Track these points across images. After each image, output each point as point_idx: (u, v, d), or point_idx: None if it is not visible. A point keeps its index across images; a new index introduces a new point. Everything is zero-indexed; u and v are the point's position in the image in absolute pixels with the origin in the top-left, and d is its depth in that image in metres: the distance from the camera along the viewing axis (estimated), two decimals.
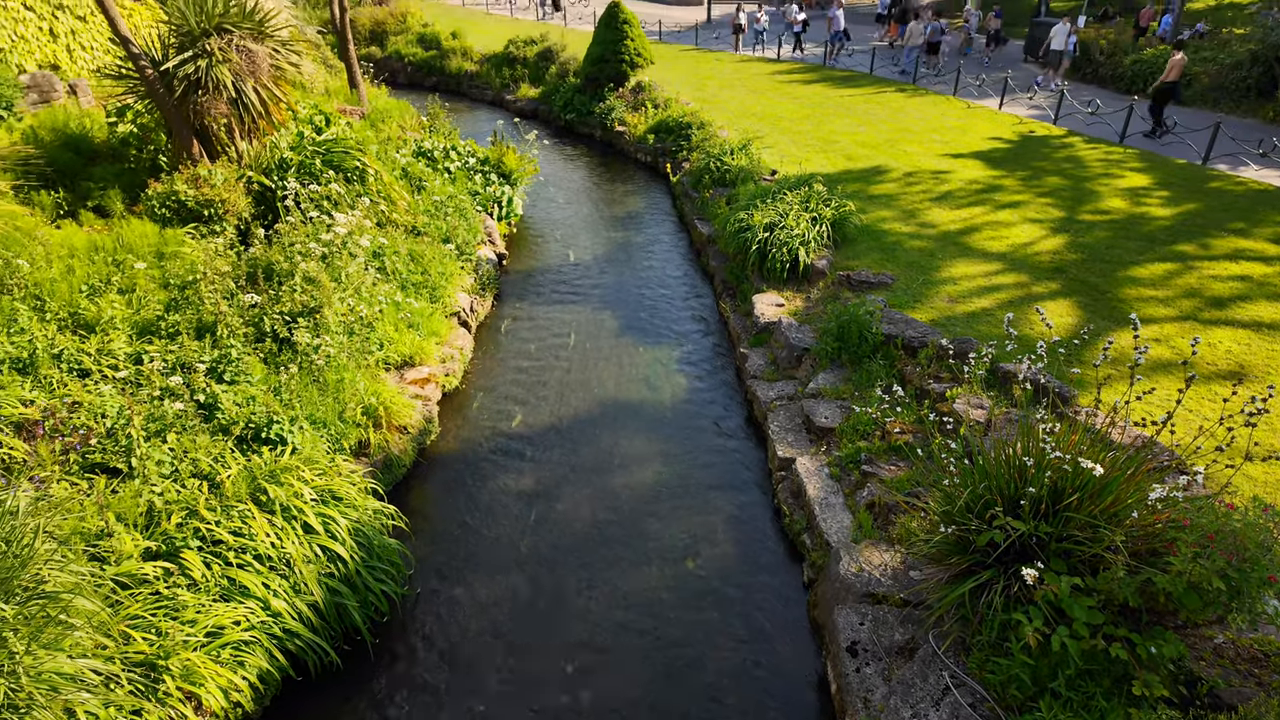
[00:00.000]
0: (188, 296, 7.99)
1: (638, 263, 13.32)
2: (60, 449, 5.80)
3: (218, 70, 9.95)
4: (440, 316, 9.98)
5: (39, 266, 7.95)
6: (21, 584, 3.96)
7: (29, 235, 8.59)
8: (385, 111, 16.78)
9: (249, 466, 5.92)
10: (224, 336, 7.45)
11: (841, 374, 8.51)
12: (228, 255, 8.74)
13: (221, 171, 10.09)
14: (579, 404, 9.25)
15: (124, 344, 7.30)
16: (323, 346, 7.63)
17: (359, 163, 11.45)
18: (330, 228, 9.21)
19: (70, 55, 12.68)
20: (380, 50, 28.00)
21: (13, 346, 6.79)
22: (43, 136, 10.75)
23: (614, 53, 20.89)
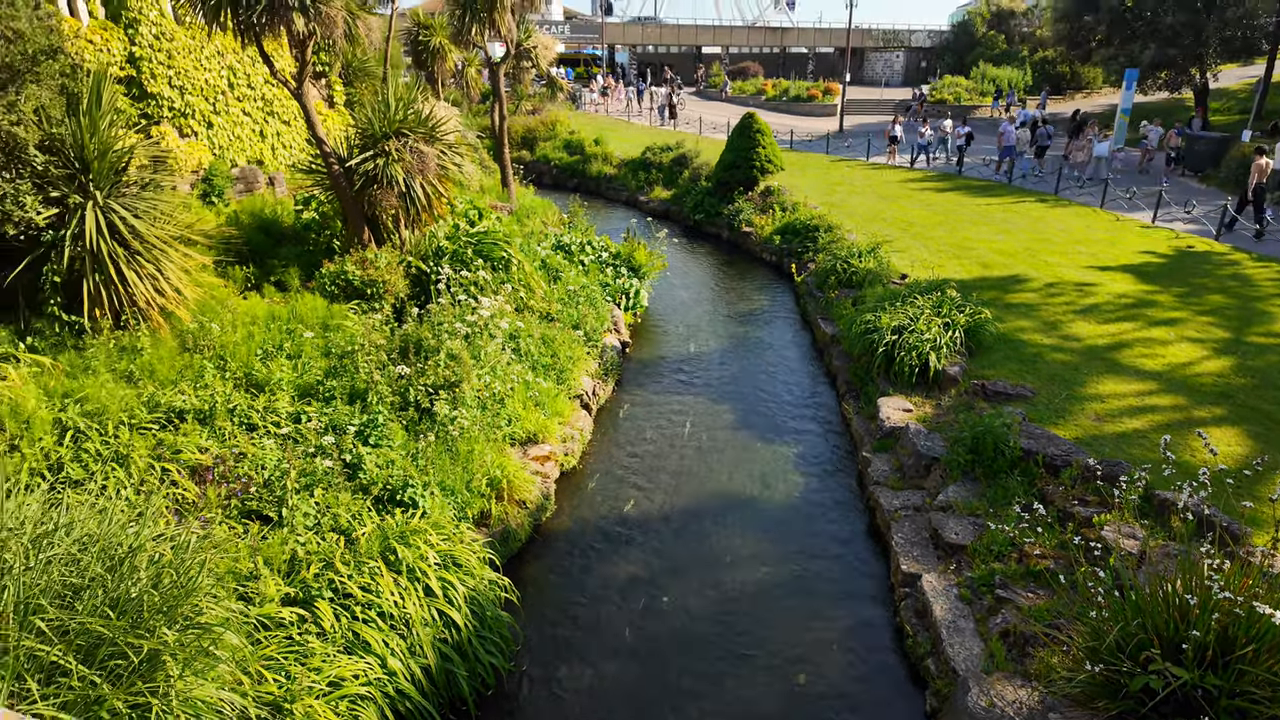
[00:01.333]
0: (345, 365, 8.77)
1: (758, 358, 13.37)
2: (225, 494, 6.41)
3: (392, 168, 11.22)
4: (564, 398, 10.37)
5: (226, 331, 9.02)
6: (183, 613, 4.34)
7: (222, 304, 9.82)
8: (531, 208, 18.17)
9: (382, 526, 6.28)
10: (373, 403, 8.09)
11: (974, 488, 8.04)
12: (383, 330, 9.59)
13: (385, 256, 11.21)
14: (692, 494, 9.21)
15: (287, 403, 8.07)
16: (459, 418, 8.11)
17: (505, 253, 12.39)
18: (475, 310, 9.93)
19: (273, 152, 14.71)
20: (530, 154, 30.55)
21: (197, 399, 7.67)
22: (243, 219, 12.40)
23: (745, 159, 21.76)
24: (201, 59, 12.86)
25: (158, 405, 7.43)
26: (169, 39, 12.18)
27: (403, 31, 20.59)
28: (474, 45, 18.98)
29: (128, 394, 7.49)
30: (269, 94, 14.54)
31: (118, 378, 7.80)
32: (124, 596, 4.19)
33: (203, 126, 12.89)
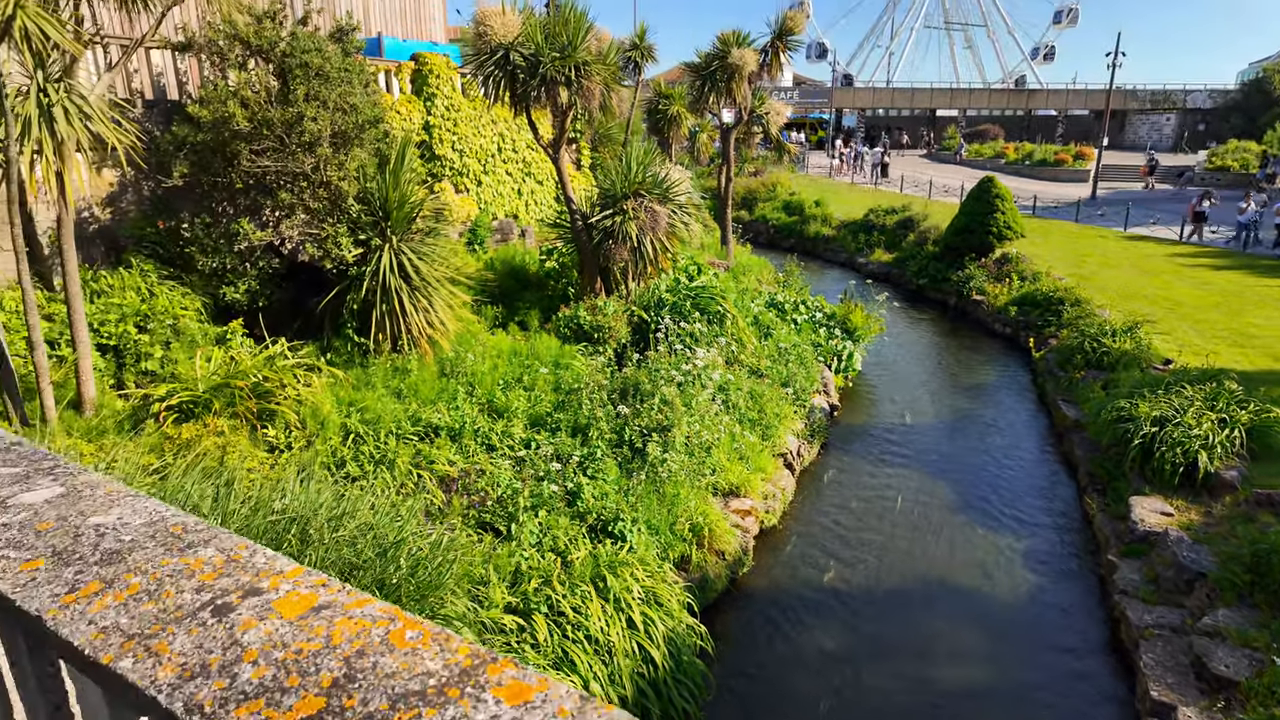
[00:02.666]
0: (571, 400, 9.50)
1: (984, 437, 12.38)
2: (466, 504, 7.20)
3: (628, 225, 12.11)
4: (768, 454, 10.34)
5: (476, 361, 10.18)
6: (430, 603, 4.93)
7: (475, 337, 11.11)
8: (746, 266, 18.56)
9: (594, 553, 6.67)
10: (593, 438, 8.66)
11: (1252, 615, 6.77)
12: (605, 371, 10.27)
13: (613, 304, 12.05)
14: (899, 574, 8.68)
15: (521, 430, 8.90)
16: (668, 461, 8.42)
17: (720, 308, 12.77)
18: (690, 360, 10.32)
19: (526, 208, 16.52)
20: (749, 214, 31.26)
21: (450, 418, 8.71)
22: (497, 265, 13.99)
23: (981, 223, 20.55)
24: (479, 126, 14.92)
25: (419, 420, 8.56)
26: (456, 110, 14.30)
27: (644, 101, 22.29)
28: (708, 112, 20.05)
29: (397, 408, 8.71)
30: (528, 157, 16.44)
31: (390, 393, 9.11)
32: (388, 580, 4.85)
33: (474, 184, 14.87)
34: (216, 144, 9.18)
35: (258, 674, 0.97)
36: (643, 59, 20.23)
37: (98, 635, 1.06)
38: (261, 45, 9.29)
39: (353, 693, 0.94)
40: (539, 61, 11.18)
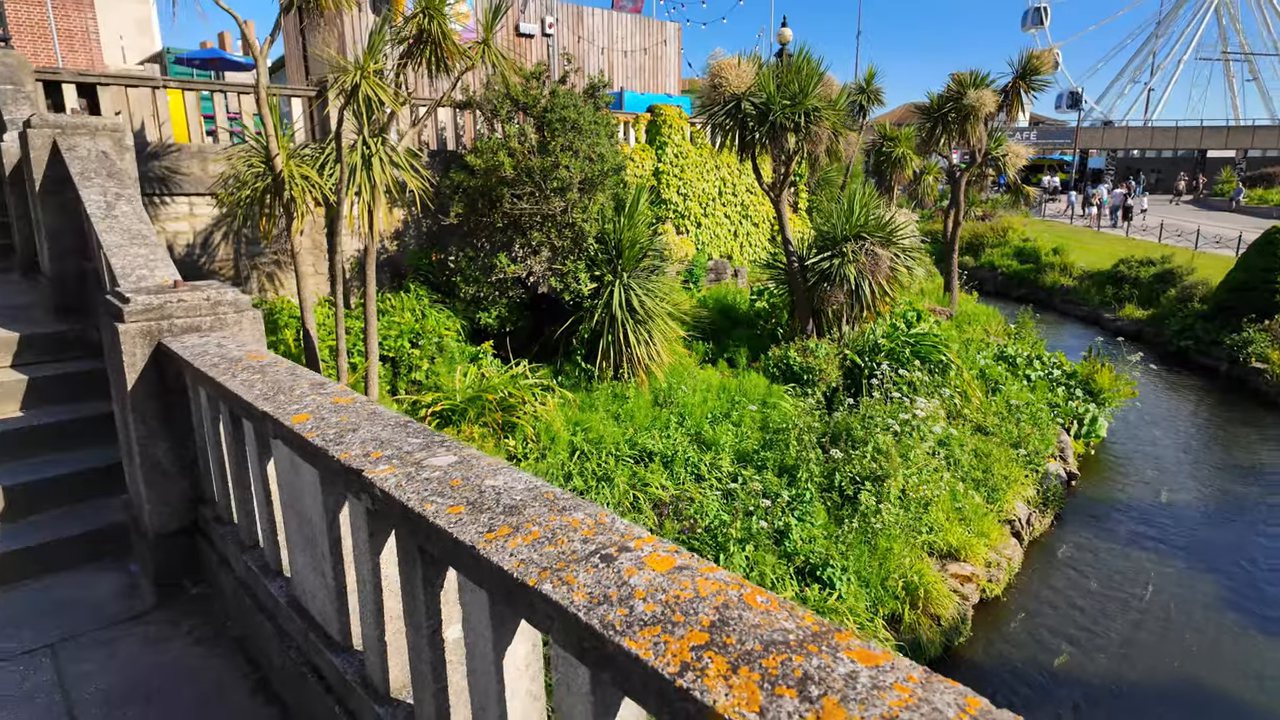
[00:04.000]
0: (778, 440, 9.54)
1: (1263, 526, 10.52)
2: (677, 529, 7.50)
3: (846, 268, 11.99)
4: (993, 519, 9.59)
5: (687, 394, 10.58)
6: None
7: (686, 371, 11.55)
8: (972, 315, 17.44)
9: (802, 595, 6.64)
10: (802, 479, 8.63)
11: None
12: (814, 414, 10.19)
13: (824, 346, 11.94)
14: (1148, 673, 7.61)
15: (728, 464, 9.09)
16: (883, 512, 8.15)
17: (943, 357, 12.14)
18: (908, 410, 9.94)
19: (740, 249, 16.92)
20: (973, 260, 29.34)
21: (662, 445, 9.14)
22: (709, 303, 14.45)
23: (1265, 280, 17.65)
24: (703, 171, 15.64)
25: (635, 444, 9.07)
26: (684, 156, 15.12)
27: (865, 144, 21.96)
28: (936, 154, 19.29)
29: (616, 431, 9.31)
30: (746, 200, 16.88)
31: (610, 416, 9.75)
32: None
33: (693, 225, 15.56)
34: (485, 188, 10.54)
35: (649, 609, 1.23)
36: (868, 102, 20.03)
37: (519, 565, 1.39)
38: (527, 102, 10.57)
39: (728, 634, 1.16)
40: (769, 109, 11.55)
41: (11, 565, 3.59)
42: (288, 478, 2.55)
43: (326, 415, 2.29)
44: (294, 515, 2.58)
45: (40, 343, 4.84)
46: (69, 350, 4.93)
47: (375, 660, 2.19)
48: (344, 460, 1.95)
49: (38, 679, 2.96)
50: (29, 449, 4.21)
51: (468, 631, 1.71)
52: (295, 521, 2.58)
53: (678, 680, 1.07)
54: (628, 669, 1.15)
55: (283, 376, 2.74)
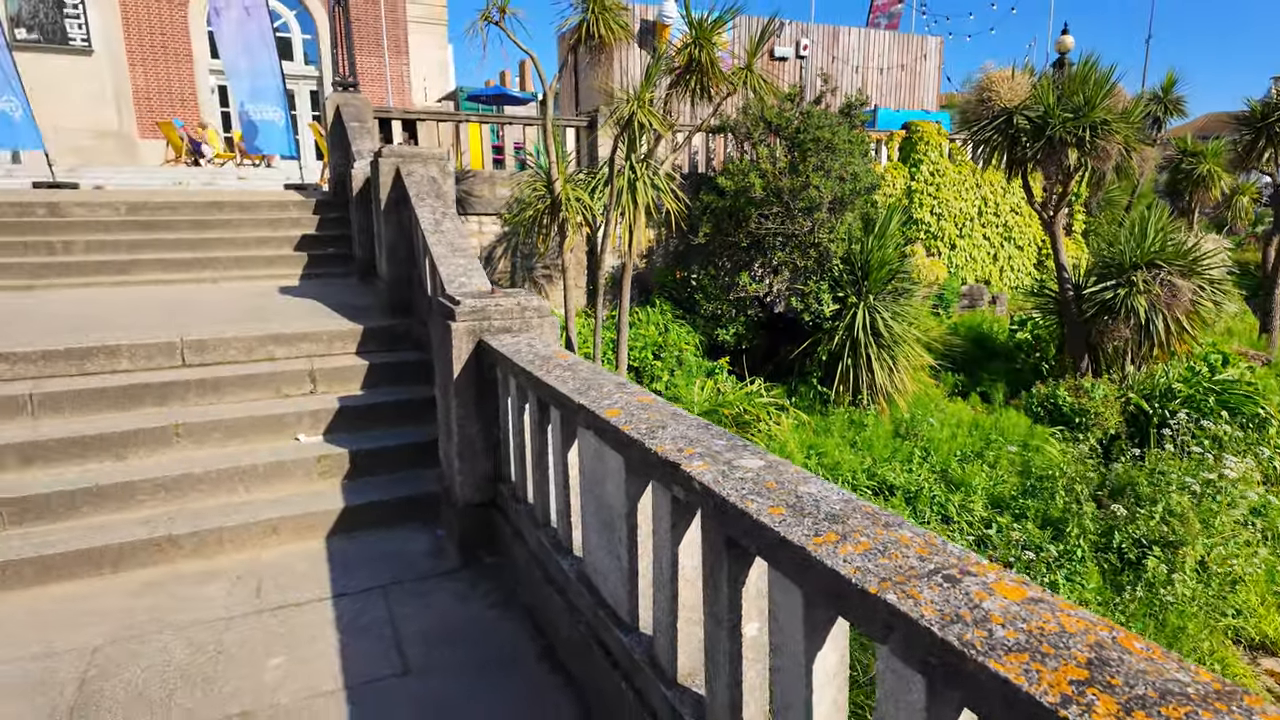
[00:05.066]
0: (1042, 487, 8.59)
1: None
2: None
3: (1135, 299, 10.52)
4: None
5: (934, 428, 9.92)
6: None
7: (932, 402, 10.85)
8: None
9: None
10: (1071, 535, 7.69)
11: None
12: (1087, 463, 9.03)
13: (1102, 387, 10.54)
14: None
15: (980, 507, 8.37)
16: (1176, 584, 7.01)
17: (1260, 410, 10.16)
18: (1213, 468, 8.45)
19: (1000, 274, 15.55)
20: None
21: (905, 479, 8.66)
22: (960, 331, 13.45)
23: None
24: (961, 190, 14.64)
25: (874, 475, 8.70)
26: (941, 174, 14.29)
27: (1161, 159, 19.14)
28: (1257, 171, 16.26)
29: (853, 459, 9.00)
30: (1010, 221, 15.50)
31: (846, 443, 9.46)
32: None
33: (946, 247, 14.62)
34: (732, 209, 10.81)
35: (1010, 635, 1.20)
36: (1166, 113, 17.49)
37: (854, 571, 1.42)
38: (780, 124, 10.67)
39: (1110, 674, 1.09)
40: (1046, 123, 10.54)
41: (356, 517, 4.35)
42: (590, 464, 2.82)
43: (635, 412, 2.51)
44: (592, 499, 2.85)
45: (378, 335, 5.82)
46: (399, 342, 5.88)
47: (665, 644, 2.34)
48: (660, 453, 2.13)
49: (373, 614, 3.55)
50: (367, 422, 5.08)
51: (774, 630, 1.77)
52: (593, 505, 2.85)
53: (1060, 711, 1.03)
54: (990, 690, 1.13)
55: (589, 375, 3.04)
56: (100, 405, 4.74)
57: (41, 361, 4.85)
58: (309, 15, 20.59)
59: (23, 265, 7.60)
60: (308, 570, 3.92)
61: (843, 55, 18.20)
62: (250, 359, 5.33)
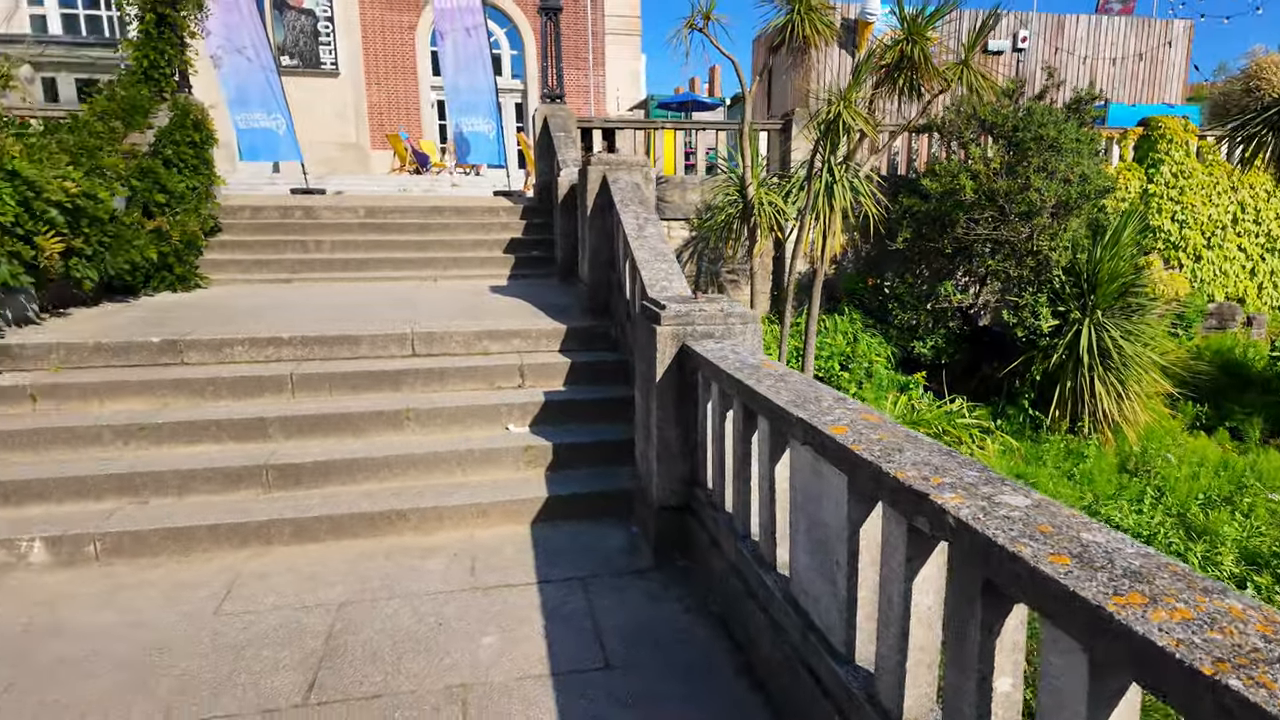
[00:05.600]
0: None
1: None
2: None
3: None
4: None
5: (1170, 465, 8.66)
6: None
7: (1168, 435, 9.48)
8: None
9: None
10: None
11: None
12: None
13: None
14: None
15: (1230, 562, 7.17)
16: None
17: None
18: None
19: (1259, 291, 13.30)
20: None
21: (1134, 521, 7.63)
22: (1205, 356, 11.66)
23: None
24: (1211, 194, 12.69)
25: (1095, 513, 7.74)
26: (1186, 176, 12.48)
27: None
28: None
29: (1070, 493, 8.07)
30: (1275, 230, 13.20)
31: (1062, 475, 8.51)
32: None
33: (1190, 259, 12.74)
34: (937, 213, 10.12)
35: None
36: None
37: (1175, 644, 1.21)
38: (996, 122, 9.83)
39: None
40: None
41: (557, 507, 4.55)
42: (804, 481, 2.71)
43: (864, 430, 2.36)
44: (803, 517, 2.73)
45: (578, 335, 6.07)
46: (596, 343, 6.09)
47: (890, 684, 2.18)
48: (901, 479, 1.97)
49: (574, 604, 3.67)
50: (568, 417, 5.30)
51: (1045, 691, 1.57)
52: (804, 523, 2.73)
53: None
54: None
55: (803, 386, 2.93)
56: (344, 387, 5.33)
57: (301, 346, 5.56)
58: (518, 33, 22.10)
59: (284, 261, 8.78)
60: (515, 554, 4.14)
61: (1067, 46, 16.44)
62: (468, 352, 5.76)
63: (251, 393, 5.19)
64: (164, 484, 4.42)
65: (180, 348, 5.40)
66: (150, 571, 3.97)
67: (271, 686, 3.02)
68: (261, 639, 3.34)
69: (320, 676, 3.08)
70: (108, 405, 4.96)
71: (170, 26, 8.69)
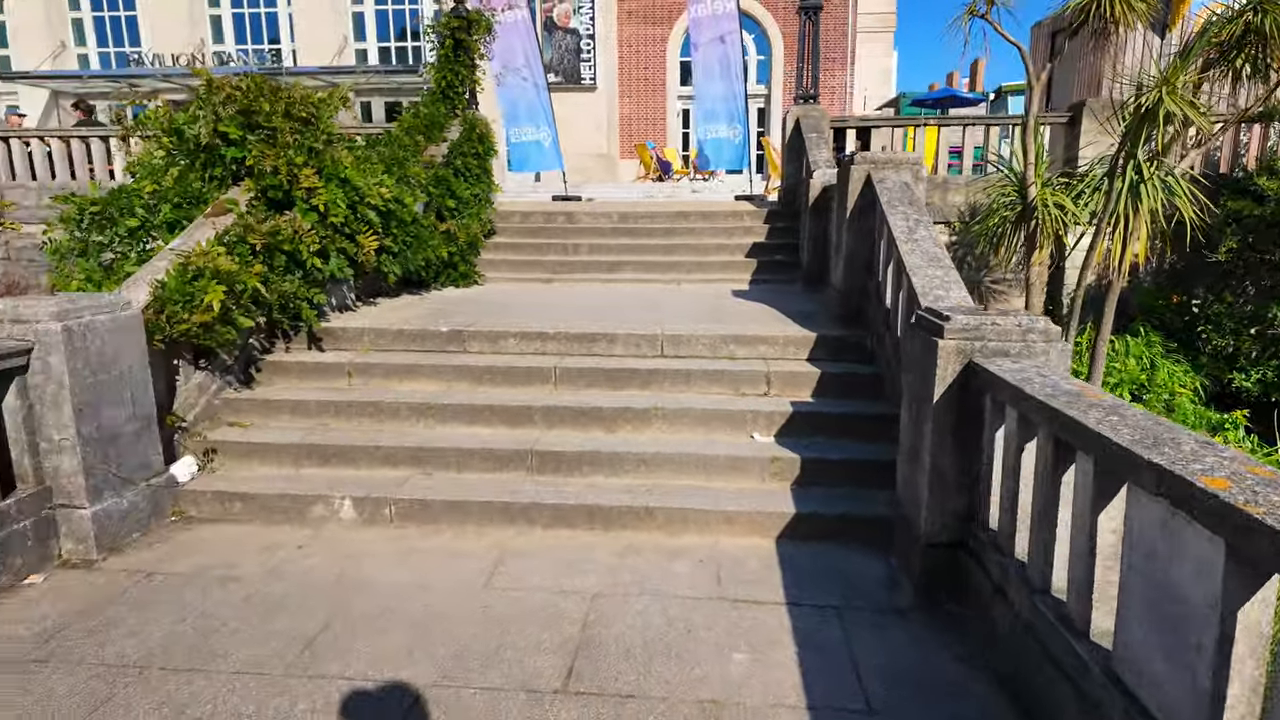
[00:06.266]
0: None
1: None
2: None
3: None
4: None
5: None
6: None
7: None
8: None
9: None
10: None
11: None
12: None
13: None
14: None
15: None
16: None
17: None
18: None
19: None
20: None
21: None
22: None
23: None
24: None
25: None
26: None
27: None
28: None
29: None
30: None
31: None
32: None
33: None
34: (1275, 219, 8.27)
35: None
36: None
37: None
38: None
39: None
40: None
41: (802, 524, 4.31)
42: (1146, 537, 2.22)
43: (1257, 488, 1.86)
44: (1139, 580, 2.25)
45: (827, 343, 5.77)
46: (846, 352, 5.75)
47: None
48: None
49: (828, 633, 3.42)
50: (814, 430, 5.03)
51: None
52: (1140, 587, 2.24)
53: None
54: None
55: (1147, 423, 2.42)
56: (599, 383, 5.54)
57: (563, 341, 5.89)
58: (765, 38, 22.01)
59: (545, 262, 9.46)
60: (760, 570, 3.98)
61: None
62: (714, 356, 5.72)
63: (520, 382, 5.58)
64: (446, 459, 4.89)
65: (464, 338, 5.98)
66: (433, 538, 4.39)
67: (534, 666, 3.15)
68: (525, 617, 3.52)
69: (577, 665, 3.15)
70: (405, 384, 5.62)
71: (465, 50, 9.76)
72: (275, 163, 5.41)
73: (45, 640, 3.34)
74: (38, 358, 3.86)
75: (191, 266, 4.68)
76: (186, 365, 5.02)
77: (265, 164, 5.40)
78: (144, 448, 4.38)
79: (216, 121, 5.34)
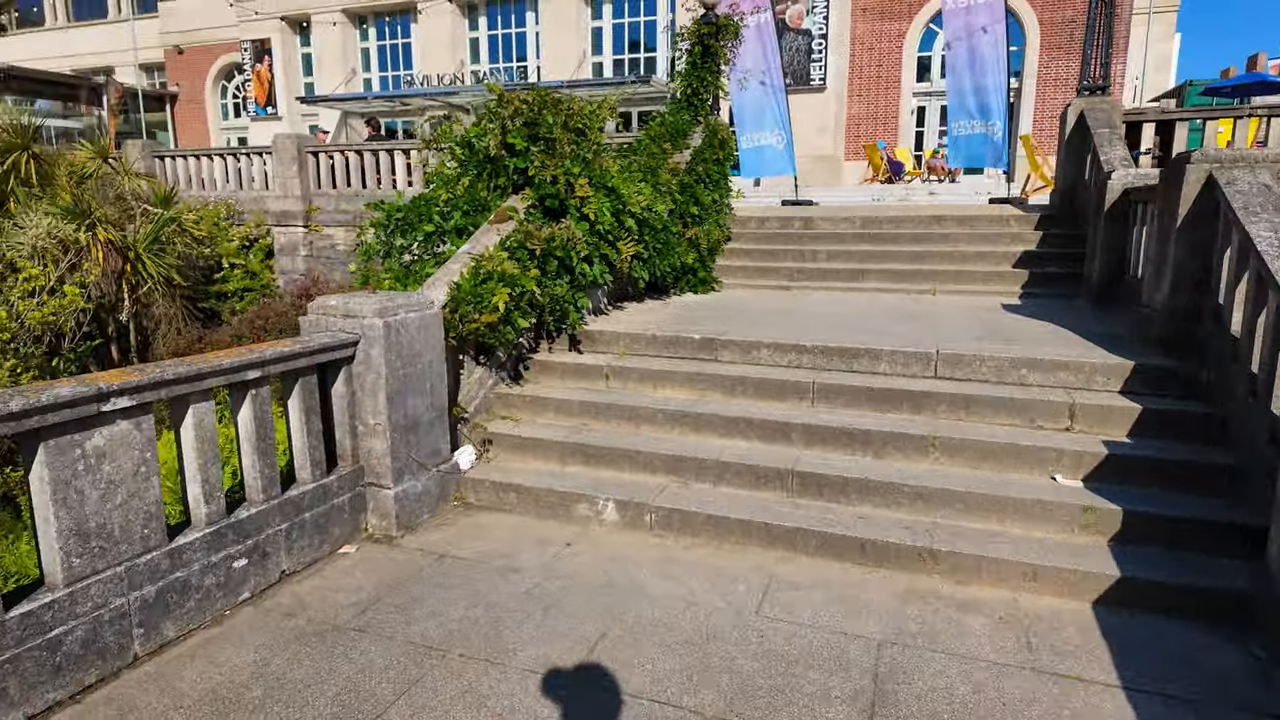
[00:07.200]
0: None
1: None
2: None
3: None
4: None
5: None
6: None
7: None
8: None
9: None
10: None
11: None
12: None
13: None
14: None
15: None
16: None
17: None
18: None
19: None
20: None
21: None
22: None
23: None
24: None
25: None
26: None
27: None
28: None
29: None
30: None
31: None
32: None
33: None
34: None
35: None
36: None
37: None
38: None
39: None
40: None
41: (1128, 591, 3.63)
42: None
43: None
44: None
45: (1143, 373, 4.89)
46: (1167, 385, 4.84)
47: None
48: None
49: None
50: (1136, 478, 4.26)
51: None
52: None
53: None
54: None
55: None
56: (859, 402, 5.15)
57: (821, 355, 5.56)
58: (1019, 27, 19.94)
59: (782, 269, 9.17)
60: (1080, 639, 3.39)
61: None
62: (1001, 381, 5.08)
63: (774, 395, 5.35)
64: (704, 470, 4.77)
65: (715, 346, 5.86)
66: (692, 551, 4.28)
67: (827, 717, 2.88)
68: (807, 657, 3.26)
69: None
70: (659, 391, 5.62)
71: (712, 55, 9.73)
72: (554, 172, 5.66)
73: (362, 611, 3.65)
74: (362, 349, 4.28)
75: (482, 270, 5.00)
76: (470, 361, 5.38)
77: (545, 174, 5.67)
78: (436, 436, 4.73)
79: (504, 134, 5.70)
